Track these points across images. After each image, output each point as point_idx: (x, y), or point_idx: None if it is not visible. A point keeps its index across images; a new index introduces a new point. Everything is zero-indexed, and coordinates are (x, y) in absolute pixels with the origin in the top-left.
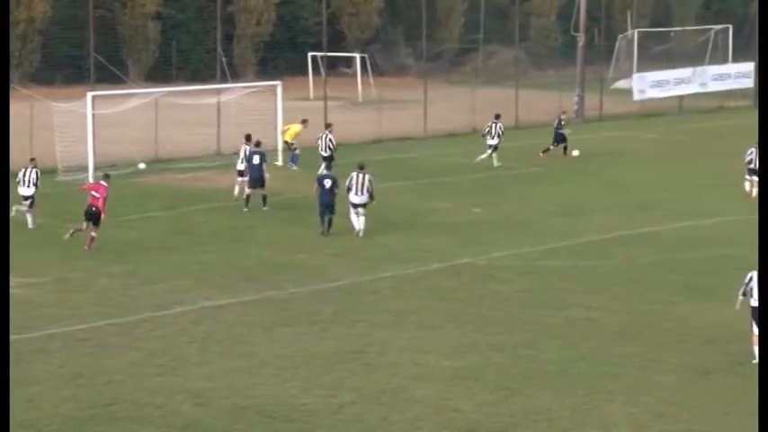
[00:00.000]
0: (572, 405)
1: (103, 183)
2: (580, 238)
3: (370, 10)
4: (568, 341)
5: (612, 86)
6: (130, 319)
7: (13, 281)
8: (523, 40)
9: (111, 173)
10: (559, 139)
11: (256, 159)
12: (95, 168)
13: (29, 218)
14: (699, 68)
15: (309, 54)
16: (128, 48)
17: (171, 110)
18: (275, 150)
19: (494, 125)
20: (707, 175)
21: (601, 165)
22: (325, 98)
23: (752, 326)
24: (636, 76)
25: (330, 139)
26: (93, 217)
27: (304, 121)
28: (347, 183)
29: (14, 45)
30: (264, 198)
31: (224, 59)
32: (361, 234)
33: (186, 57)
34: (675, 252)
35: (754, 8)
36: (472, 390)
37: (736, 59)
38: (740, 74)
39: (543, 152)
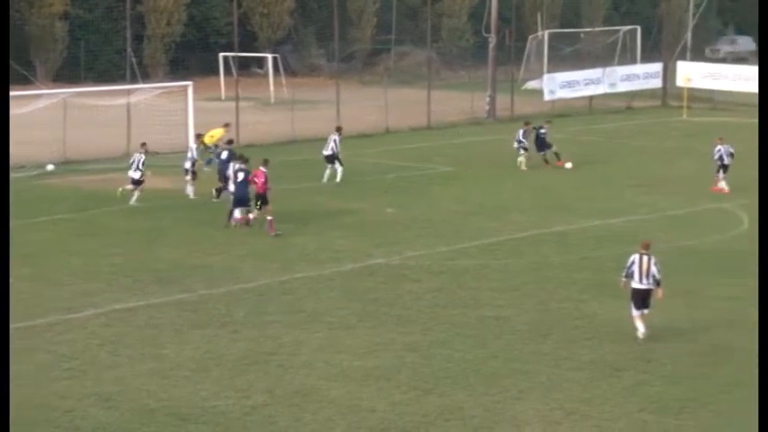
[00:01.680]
0: (485, 403)
1: (263, 168)
2: (493, 238)
3: (282, 10)
4: (481, 340)
5: (523, 87)
6: (39, 322)
7: None
8: (435, 41)
9: (19, 174)
10: (543, 146)
11: (224, 155)
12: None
13: None
14: (608, 69)
15: (221, 54)
16: (35, 48)
17: (80, 111)
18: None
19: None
20: (617, 175)
21: (512, 166)
22: (237, 98)
23: (631, 306)
24: (546, 76)
25: (335, 141)
26: (262, 200)
27: (226, 125)
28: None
29: None
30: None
31: (134, 60)
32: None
33: (95, 57)
34: (586, 251)
35: (662, 9)
36: (385, 389)
37: (644, 60)
38: (648, 74)
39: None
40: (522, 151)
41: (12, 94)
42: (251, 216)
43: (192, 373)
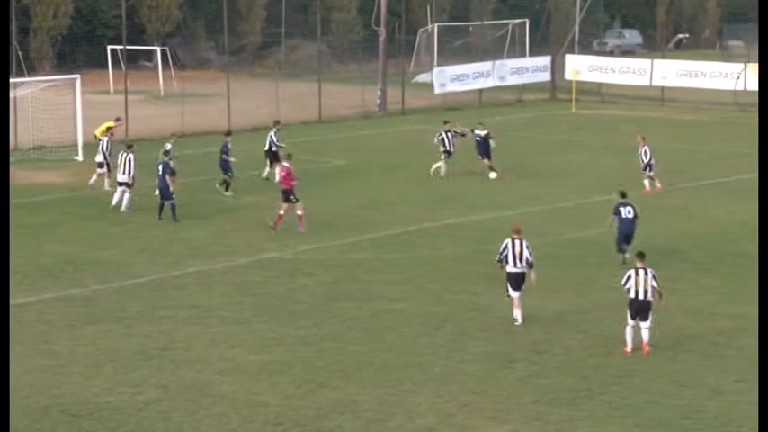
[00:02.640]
0: (378, 396)
1: (286, 163)
2: (385, 231)
3: (170, 3)
4: (374, 333)
5: (414, 80)
6: None
7: None
8: (325, 34)
9: None
10: (487, 151)
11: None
12: None
13: None
14: (497, 62)
15: (108, 47)
16: None
17: None
18: (75, 146)
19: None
20: (508, 167)
21: (403, 159)
22: (126, 92)
23: (508, 289)
24: (436, 70)
25: (271, 136)
26: (285, 195)
27: (117, 119)
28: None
29: None
30: (227, 184)
31: (20, 53)
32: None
33: None
34: (477, 244)
35: (550, 3)
36: (279, 383)
37: (533, 53)
38: (537, 67)
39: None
40: (443, 156)
41: None
42: (281, 212)
43: (85, 369)
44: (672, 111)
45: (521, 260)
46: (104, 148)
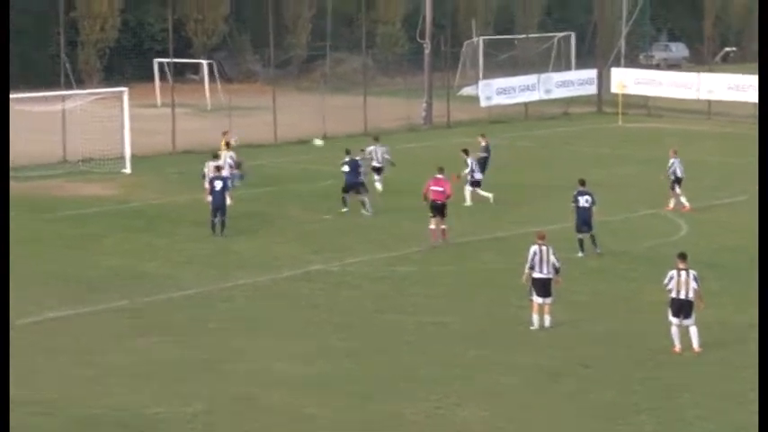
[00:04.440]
0: (426, 409)
1: (440, 176)
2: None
3: (217, 16)
4: (420, 346)
5: (459, 93)
6: None
7: None
8: (370, 47)
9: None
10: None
11: (346, 168)
12: None
13: None
14: (543, 75)
15: (155, 60)
16: None
17: (14, 117)
18: (122, 159)
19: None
20: (554, 181)
21: (448, 171)
22: (173, 105)
23: (533, 295)
24: (482, 83)
25: (379, 152)
26: (439, 210)
27: (224, 133)
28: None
29: None
30: (363, 203)
31: (68, 65)
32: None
33: (29, 63)
34: (524, 257)
35: (595, 16)
36: (326, 396)
37: (578, 66)
38: (583, 81)
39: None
40: (470, 187)
41: None
42: (436, 227)
43: (133, 380)
44: (719, 124)
45: (547, 265)
46: (228, 162)
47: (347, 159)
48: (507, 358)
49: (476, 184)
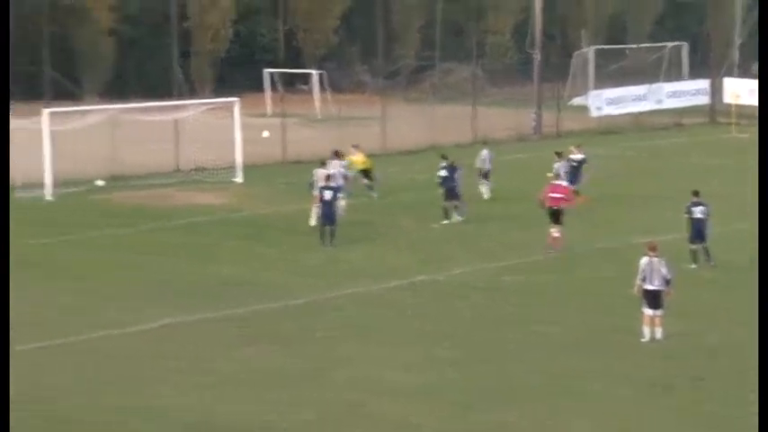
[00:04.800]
0: (534, 420)
1: (561, 182)
2: (537, 255)
3: (327, 27)
4: (527, 356)
5: (569, 103)
6: (89, 336)
7: None
8: (480, 57)
9: (68, 190)
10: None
11: (443, 173)
12: (54, 185)
13: None
14: (654, 85)
15: (266, 71)
16: (83, 64)
17: (128, 126)
18: (234, 168)
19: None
20: (665, 191)
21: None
22: (283, 115)
23: (643, 305)
24: (592, 93)
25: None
26: (556, 216)
27: (355, 146)
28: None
29: None
30: (456, 209)
31: (181, 76)
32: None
33: (142, 73)
34: (632, 267)
35: (708, 25)
36: (433, 405)
37: (691, 76)
38: (696, 91)
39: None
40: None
41: (60, 110)
42: (557, 235)
43: (242, 387)
44: None
45: (658, 277)
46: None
47: (444, 164)
48: (616, 369)
49: None
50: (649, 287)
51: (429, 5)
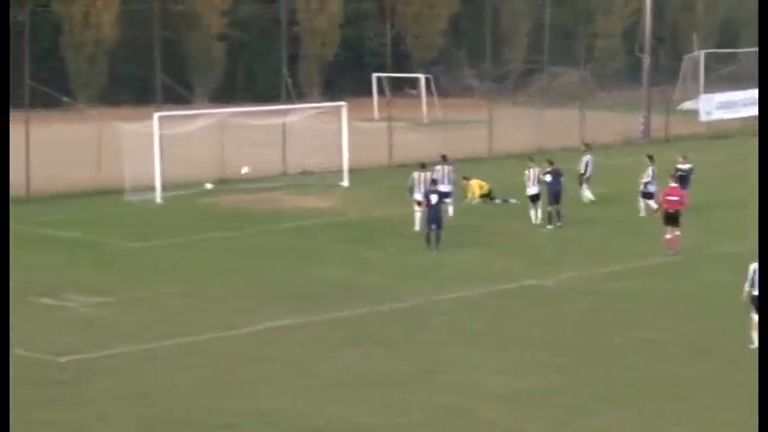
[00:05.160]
0: (641, 427)
1: (675, 184)
2: (651, 259)
3: (434, 31)
4: (634, 362)
5: (679, 108)
6: (198, 338)
7: (81, 300)
8: (588, 61)
9: (177, 193)
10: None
11: (548, 177)
12: (163, 189)
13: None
14: None
15: (374, 75)
16: (194, 68)
17: (237, 130)
18: (341, 172)
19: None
20: None
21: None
22: (390, 119)
23: (751, 310)
24: (702, 97)
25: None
26: (674, 219)
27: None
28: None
29: (82, 66)
30: (558, 213)
31: (289, 80)
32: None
33: (251, 77)
34: (744, 274)
35: None
36: (539, 411)
37: None
38: None
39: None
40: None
41: (170, 113)
42: (675, 233)
43: (348, 390)
44: None
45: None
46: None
47: (549, 169)
48: (725, 377)
49: (648, 195)
50: (756, 293)
51: (537, 9)
